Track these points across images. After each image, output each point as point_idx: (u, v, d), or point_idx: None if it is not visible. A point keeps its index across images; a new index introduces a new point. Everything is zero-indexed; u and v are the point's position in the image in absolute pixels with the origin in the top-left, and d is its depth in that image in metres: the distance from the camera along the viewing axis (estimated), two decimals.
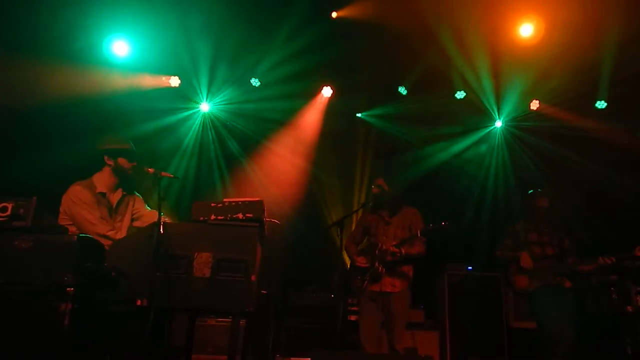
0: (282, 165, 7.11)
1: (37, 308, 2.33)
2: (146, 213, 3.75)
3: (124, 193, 3.71)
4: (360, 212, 4.94)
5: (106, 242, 3.16)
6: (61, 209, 3.44)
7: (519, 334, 5.83)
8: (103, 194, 3.55)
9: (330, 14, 5.80)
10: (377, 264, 4.31)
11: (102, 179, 3.58)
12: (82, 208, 3.38)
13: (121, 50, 5.95)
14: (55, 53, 5.39)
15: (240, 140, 7.21)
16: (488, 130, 7.40)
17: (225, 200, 3.05)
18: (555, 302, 4.38)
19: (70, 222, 3.39)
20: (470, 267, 6.28)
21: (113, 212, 3.61)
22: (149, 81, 6.36)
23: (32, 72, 5.29)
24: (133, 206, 3.74)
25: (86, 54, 5.75)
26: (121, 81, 6.04)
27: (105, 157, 3.59)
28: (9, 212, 2.52)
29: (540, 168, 7.04)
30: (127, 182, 3.72)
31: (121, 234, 3.49)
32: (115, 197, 3.65)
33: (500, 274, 6.03)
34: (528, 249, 4.56)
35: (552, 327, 4.30)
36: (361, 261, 4.43)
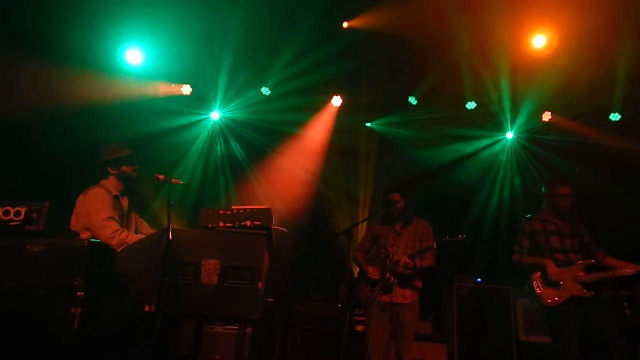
0: (291, 173, 7.14)
1: (48, 311, 2.35)
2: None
3: (130, 202, 3.77)
4: (369, 221, 4.92)
5: (112, 242, 3.20)
6: (76, 211, 3.45)
7: (528, 348, 5.75)
8: (117, 197, 3.61)
9: (341, 24, 5.84)
10: (388, 275, 4.30)
11: (111, 185, 3.64)
12: (100, 208, 3.39)
13: (134, 58, 6.05)
14: (69, 61, 5.49)
15: (249, 148, 7.26)
16: (499, 141, 7.37)
17: (233, 207, 3.06)
18: (582, 315, 3.97)
19: (83, 227, 3.41)
20: (479, 279, 6.22)
21: (125, 216, 3.67)
22: (161, 89, 6.45)
23: (47, 79, 5.39)
24: (137, 219, 3.79)
25: (100, 62, 5.85)
26: (134, 89, 6.14)
27: (109, 168, 3.65)
28: (22, 216, 2.57)
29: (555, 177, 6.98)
30: (132, 186, 3.78)
31: (132, 235, 3.51)
32: (125, 203, 3.71)
33: (512, 287, 5.96)
34: (551, 257, 4.18)
35: (576, 345, 3.85)
36: (372, 272, 4.40)
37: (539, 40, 5.75)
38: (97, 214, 3.35)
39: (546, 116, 6.84)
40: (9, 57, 5.09)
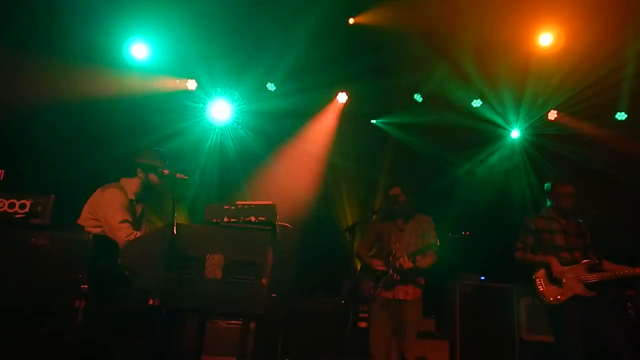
0: (295, 170, 7.13)
1: (52, 304, 2.36)
2: None
3: (143, 210, 3.77)
4: (372, 218, 4.92)
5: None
6: (88, 209, 3.44)
7: (531, 347, 5.75)
8: (132, 201, 3.60)
9: (347, 20, 5.81)
10: (391, 271, 4.30)
11: (131, 187, 3.61)
12: (117, 210, 3.38)
13: (140, 52, 6.05)
14: (75, 55, 5.50)
15: (255, 144, 7.25)
16: (505, 139, 7.33)
17: (238, 202, 3.06)
18: (585, 315, 3.94)
19: (93, 224, 3.39)
20: (483, 277, 6.21)
21: (137, 221, 3.67)
22: (167, 84, 6.45)
23: (53, 73, 5.40)
24: (146, 229, 3.78)
25: (105, 56, 5.85)
26: (139, 83, 6.14)
27: (139, 170, 3.62)
28: (27, 209, 2.57)
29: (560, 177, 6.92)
30: (150, 196, 3.77)
31: None
32: (139, 209, 3.71)
33: (515, 286, 5.96)
34: (556, 255, 4.14)
35: (579, 345, 3.82)
36: (377, 263, 4.40)
37: (546, 39, 5.72)
38: (114, 215, 3.35)
39: (552, 115, 6.80)
40: (15, 52, 5.10)
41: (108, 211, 3.37)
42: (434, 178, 7.11)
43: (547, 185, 4.50)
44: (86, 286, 2.37)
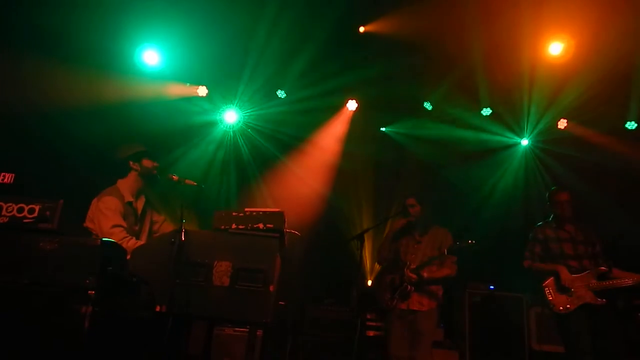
0: (305, 177, 7.13)
1: (59, 309, 2.35)
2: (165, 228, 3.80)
3: (146, 201, 3.78)
4: (388, 224, 4.92)
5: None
6: (89, 214, 3.49)
7: (541, 357, 5.67)
8: (130, 203, 3.61)
9: (358, 29, 5.82)
10: (405, 283, 4.30)
11: (128, 185, 3.65)
12: (108, 216, 3.41)
13: (151, 59, 6.09)
14: (86, 61, 5.54)
15: (265, 150, 7.26)
16: (514, 148, 7.28)
17: (246, 209, 3.05)
18: (594, 324, 3.96)
19: (94, 232, 3.43)
20: (492, 287, 6.14)
21: (138, 219, 3.68)
22: (177, 90, 6.49)
23: (64, 79, 5.44)
24: (152, 217, 3.80)
25: (117, 63, 5.89)
26: (150, 90, 6.18)
27: (130, 163, 3.67)
28: (36, 214, 2.57)
29: (567, 185, 6.86)
30: (151, 184, 3.79)
31: (140, 241, 3.52)
32: (140, 204, 3.72)
33: (525, 295, 5.89)
34: (564, 263, 4.17)
35: (589, 354, 3.82)
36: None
37: (556, 48, 5.69)
38: (107, 221, 3.39)
39: (562, 124, 6.76)
40: (26, 57, 5.15)
41: (101, 219, 3.41)
42: (443, 187, 7.07)
43: (547, 195, 4.57)
44: (93, 292, 2.36)
